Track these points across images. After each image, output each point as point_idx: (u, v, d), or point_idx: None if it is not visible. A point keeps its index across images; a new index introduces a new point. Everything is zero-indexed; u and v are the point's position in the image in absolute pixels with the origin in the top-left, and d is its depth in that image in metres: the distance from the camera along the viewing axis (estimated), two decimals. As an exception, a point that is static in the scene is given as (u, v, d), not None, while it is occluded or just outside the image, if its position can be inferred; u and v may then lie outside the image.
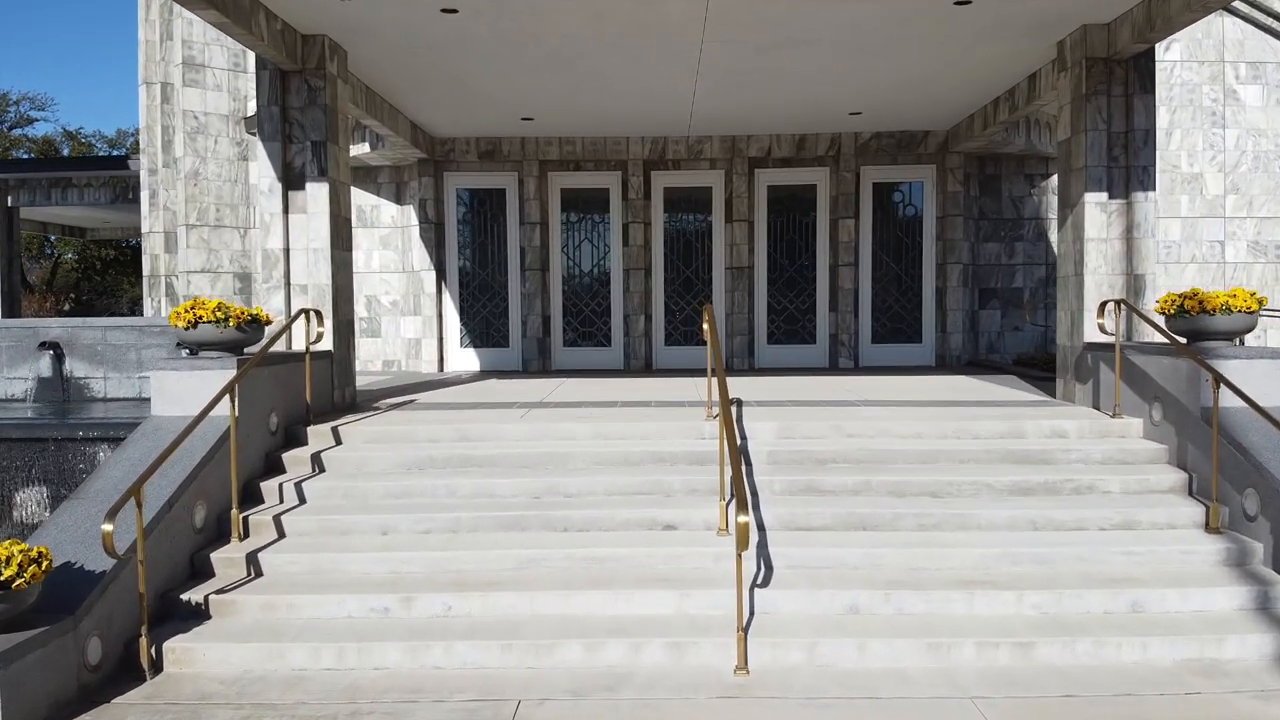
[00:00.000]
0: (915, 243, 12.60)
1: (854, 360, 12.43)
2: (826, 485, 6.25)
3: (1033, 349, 12.86)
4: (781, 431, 6.97)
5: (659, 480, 6.28)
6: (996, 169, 12.84)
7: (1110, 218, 8.10)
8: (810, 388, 9.60)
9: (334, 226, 8.14)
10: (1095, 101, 8.06)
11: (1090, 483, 6.35)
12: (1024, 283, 12.88)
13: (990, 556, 5.58)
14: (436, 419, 7.42)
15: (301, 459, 6.73)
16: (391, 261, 12.82)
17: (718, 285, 12.63)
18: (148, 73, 13.82)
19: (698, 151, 12.38)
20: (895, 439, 6.94)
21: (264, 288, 8.14)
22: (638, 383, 10.43)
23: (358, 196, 12.79)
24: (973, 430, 7.02)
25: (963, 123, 11.69)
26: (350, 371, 8.46)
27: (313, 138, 8.05)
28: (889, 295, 12.65)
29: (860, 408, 7.82)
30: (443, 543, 5.75)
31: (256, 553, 5.70)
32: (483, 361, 12.66)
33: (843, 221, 12.38)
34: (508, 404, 8.33)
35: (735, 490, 4.67)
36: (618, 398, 8.75)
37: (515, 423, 7.14)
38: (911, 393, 8.98)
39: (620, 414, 7.52)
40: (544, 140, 12.35)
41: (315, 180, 8.04)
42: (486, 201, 12.65)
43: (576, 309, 12.73)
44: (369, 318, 12.84)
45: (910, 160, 12.48)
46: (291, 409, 7.22)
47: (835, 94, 10.33)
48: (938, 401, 8.27)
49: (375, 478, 6.48)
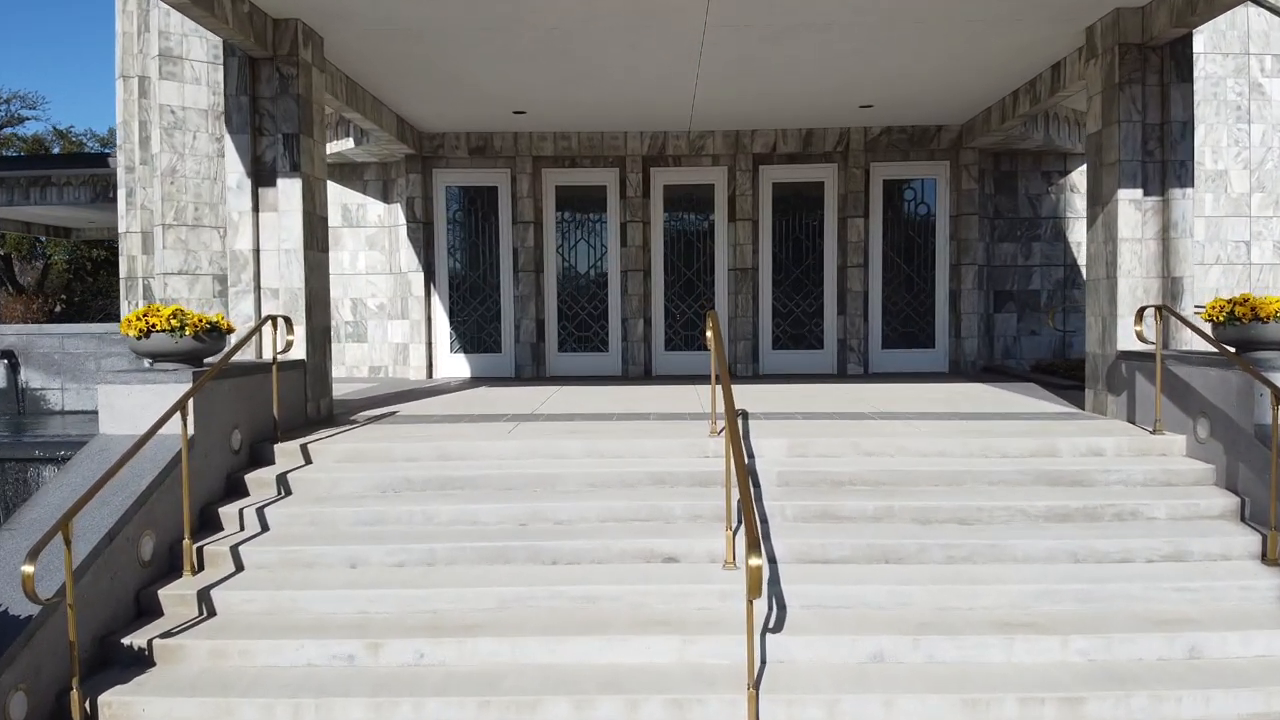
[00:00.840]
0: (928, 243, 12.01)
1: (863, 366, 11.84)
2: (844, 511, 5.66)
3: (1050, 354, 12.27)
4: (793, 449, 6.38)
5: (658, 505, 5.68)
6: (1012, 166, 12.24)
7: (1145, 216, 7.51)
8: (819, 397, 9.01)
9: (308, 225, 7.55)
10: (1129, 91, 7.47)
11: (1133, 508, 5.76)
12: (1041, 285, 12.28)
13: (1028, 594, 4.99)
14: (417, 435, 6.82)
15: (266, 481, 6.13)
16: (378, 263, 12.23)
17: (720, 287, 12.04)
18: (125, 66, 13.23)
19: (699, 147, 11.79)
20: (917, 458, 6.34)
21: (232, 292, 7.55)
22: (636, 391, 9.84)
23: (343, 195, 12.20)
24: (1001, 448, 6.43)
25: (979, 116, 11.10)
26: (326, 382, 7.87)
27: (284, 130, 7.46)
28: (900, 298, 12.05)
29: (876, 421, 7.23)
30: (417, 578, 5.16)
31: (210, 589, 5.11)
32: (474, 368, 12.06)
33: (851, 220, 11.79)
34: (496, 416, 7.74)
35: (744, 518, 4.09)
36: (614, 409, 8.15)
37: (502, 439, 6.55)
38: (929, 403, 8.39)
39: (616, 429, 6.93)
40: (538, 135, 11.76)
41: (287, 176, 7.45)
42: (478, 200, 12.05)
43: (572, 313, 12.14)
44: (354, 321, 12.25)
45: (923, 156, 11.89)
46: (258, 424, 6.63)
47: (845, 85, 9.74)
48: (959, 414, 7.67)
49: (346, 502, 5.88)
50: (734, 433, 5.02)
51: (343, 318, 12.24)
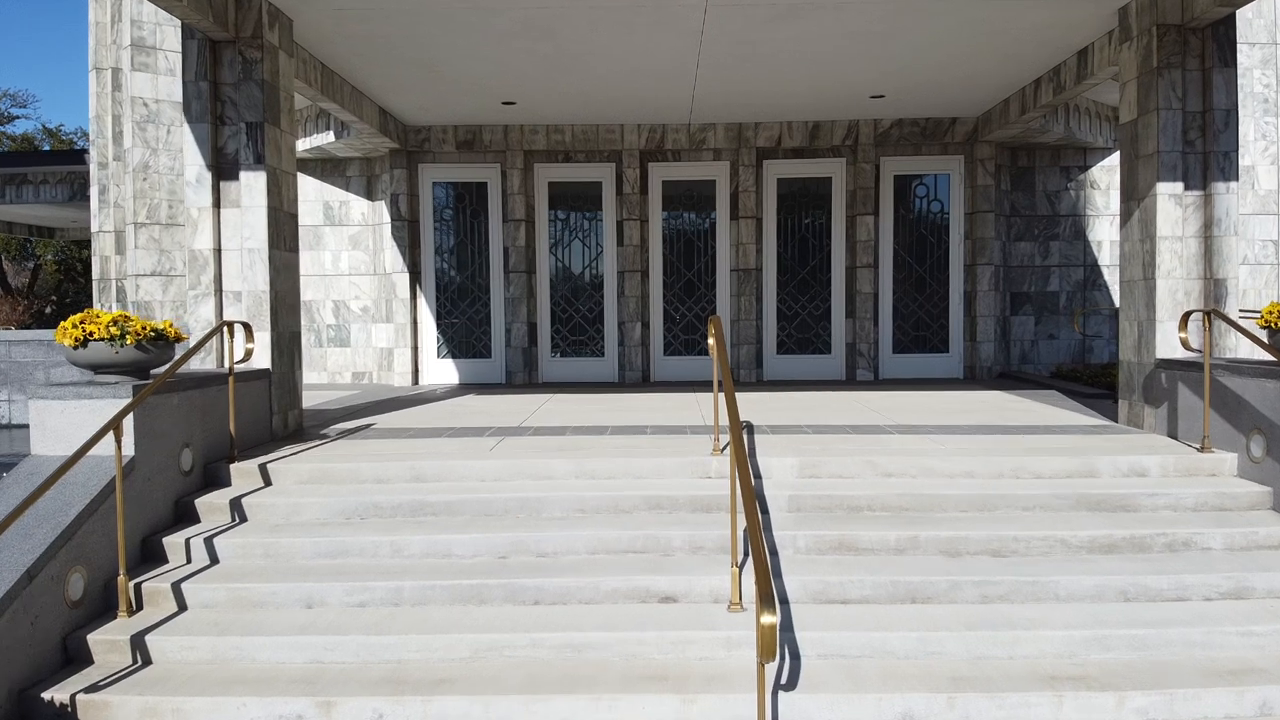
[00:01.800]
0: (941, 242, 11.39)
1: (873, 372, 11.22)
2: (863, 542, 5.04)
3: (1070, 360, 11.66)
4: (804, 469, 5.76)
5: (655, 535, 5.06)
6: (1030, 160, 11.63)
7: (1186, 212, 6.89)
8: (829, 406, 8.39)
9: (273, 222, 6.93)
10: (1168, 76, 6.86)
11: (1186, 537, 5.15)
12: (1060, 286, 11.66)
13: (1076, 640, 4.37)
14: (390, 452, 6.20)
15: (219, 506, 5.52)
16: (362, 263, 11.61)
17: (722, 289, 11.42)
18: (98, 57, 12.61)
19: (700, 141, 11.17)
20: (942, 479, 5.73)
21: (191, 295, 6.93)
22: (633, 400, 9.22)
23: (324, 192, 11.59)
24: (1034, 468, 5.81)
25: (996, 108, 10.48)
26: (295, 392, 7.25)
27: (248, 118, 6.84)
28: (912, 300, 11.43)
29: (894, 435, 6.61)
30: (381, 621, 4.54)
31: (147, 633, 4.49)
32: (462, 374, 11.45)
33: (861, 218, 11.17)
34: (479, 430, 7.12)
35: (754, 560, 3.48)
36: (608, 421, 7.54)
37: (482, 457, 5.93)
38: (948, 414, 7.77)
39: (609, 445, 6.31)
40: (529, 128, 11.14)
41: (250, 168, 6.83)
42: (466, 196, 11.43)
43: (566, 315, 11.52)
44: (337, 325, 11.63)
45: (936, 151, 11.27)
46: (213, 442, 6.01)
47: (856, 73, 9.12)
48: (982, 427, 7.05)
49: (305, 531, 5.26)
50: (740, 452, 4.40)
51: (324, 321, 11.63)
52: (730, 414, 4.86)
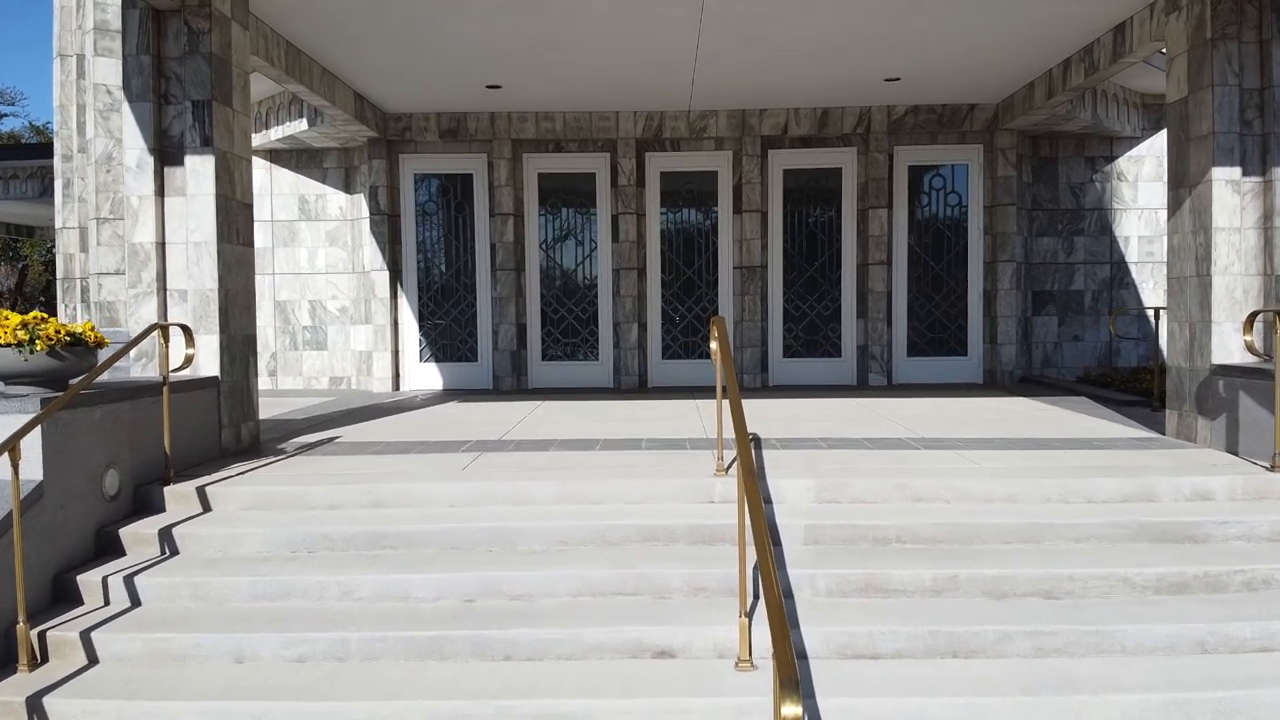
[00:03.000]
0: (959, 237, 10.65)
1: (886, 376, 10.48)
2: (894, 582, 4.30)
3: (1095, 363, 10.92)
4: (822, 492, 5.02)
5: (649, 575, 4.32)
6: (1052, 150, 10.89)
7: (1244, 200, 6.16)
8: (842, 415, 7.65)
9: (223, 212, 6.19)
10: (1223, 49, 6.13)
11: (1266, 574, 4.41)
12: (1085, 285, 10.92)
13: (1152, 707, 3.63)
14: (350, 472, 5.47)
15: (147, 536, 4.78)
16: (339, 260, 10.88)
17: (724, 288, 10.68)
18: (62, 44, 11.87)
19: (700, 129, 10.44)
20: (981, 504, 4.99)
21: (131, 294, 6.20)
22: (628, 408, 8.49)
23: (300, 184, 10.85)
24: (1085, 490, 5.07)
25: (1020, 92, 9.73)
26: (249, 402, 6.52)
27: (194, 96, 6.11)
28: (928, 299, 10.69)
29: (920, 451, 5.87)
30: (321, 681, 3.80)
31: (45, 694, 3.76)
32: (446, 378, 10.71)
33: (873, 212, 10.43)
34: (455, 444, 6.38)
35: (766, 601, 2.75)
36: (599, 434, 6.80)
37: (453, 479, 5.19)
38: (975, 425, 7.03)
39: (599, 464, 5.57)
40: (517, 116, 10.40)
41: (196, 152, 6.10)
42: (450, 189, 10.70)
43: (558, 316, 10.78)
44: (313, 326, 10.90)
45: (953, 139, 10.53)
46: (146, 461, 5.28)
47: (870, 53, 8.39)
48: (1017, 440, 6.32)
49: (244, 567, 4.52)
50: (748, 473, 3.69)
51: (300, 322, 10.89)
52: (737, 428, 4.14)
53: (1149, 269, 10.94)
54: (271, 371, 10.92)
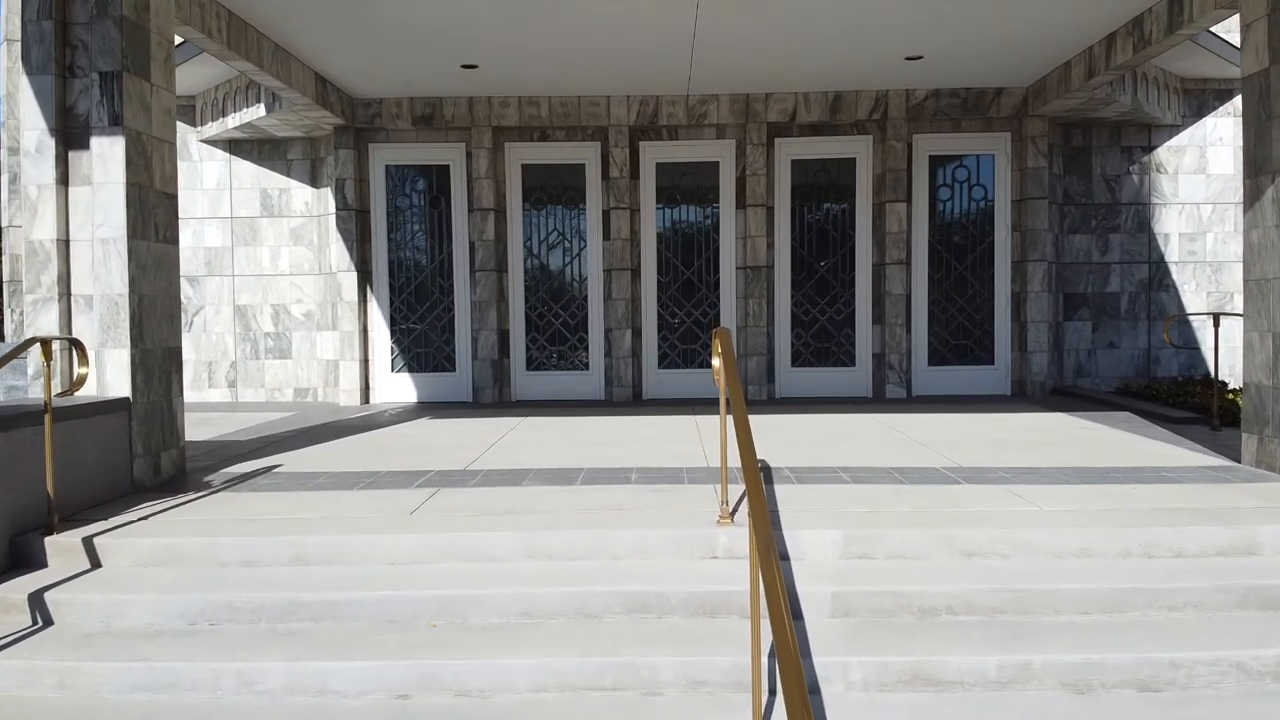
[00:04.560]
0: (984, 234, 9.70)
1: (905, 388, 9.52)
2: (948, 670, 3.35)
3: (1133, 372, 9.98)
4: (850, 545, 4.08)
5: (635, 663, 3.37)
6: (1085, 140, 9.95)
7: (1341, 188, 5.22)
8: (863, 437, 6.71)
9: (137, 204, 5.25)
10: (1315, 9, 5.19)
11: None
12: (1121, 286, 9.98)
13: None
14: (275, 515, 4.53)
15: (14, 603, 3.84)
16: (305, 260, 9.93)
17: (727, 290, 9.73)
18: (9, 28, 10.90)
19: (700, 115, 9.49)
20: (1047, 560, 4.05)
21: (29, 300, 5.25)
22: (619, 426, 7.55)
23: (261, 177, 9.91)
24: (1170, 540, 4.13)
25: (1054, 73, 8.78)
26: (172, 427, 5.57)
27: (102, 67, 5.17)
28: (951, 303, 9.73)
29: (962, 487, 4.92)
30: (196, 820, 2.85)
31: None
32: (421, 391, 9.76)
33: (890, 206, 9.48)
34: (410, 476, 5.43)
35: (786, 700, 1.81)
36: (582, 461, 5.85)
37: (397, 527, 4.25)
38: (1016, 449, 6.09)
39: (578, 504, 4.62)
40: (498, 101, 9.45)
41: (104, 132, 5.16)
42: (425, 182, 9.75)
43: (544, 322, 9.83)
44: (276, 333, 9.95)
45: (978, 126, 9.58)
46: (30, 504, 4.33)
47: (889, 27, 7.45)
48: (1072, 471, 5.37)
49: (126, 647, 3.58)
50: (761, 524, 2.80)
51: (262, 328, 9.95)
52: (746, 467, 3.23)
53: (1190, 269, 10.00)
54: (231, 383, 9.98)
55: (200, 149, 9.93)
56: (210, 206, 9.94)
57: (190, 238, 9.94)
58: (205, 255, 9.95)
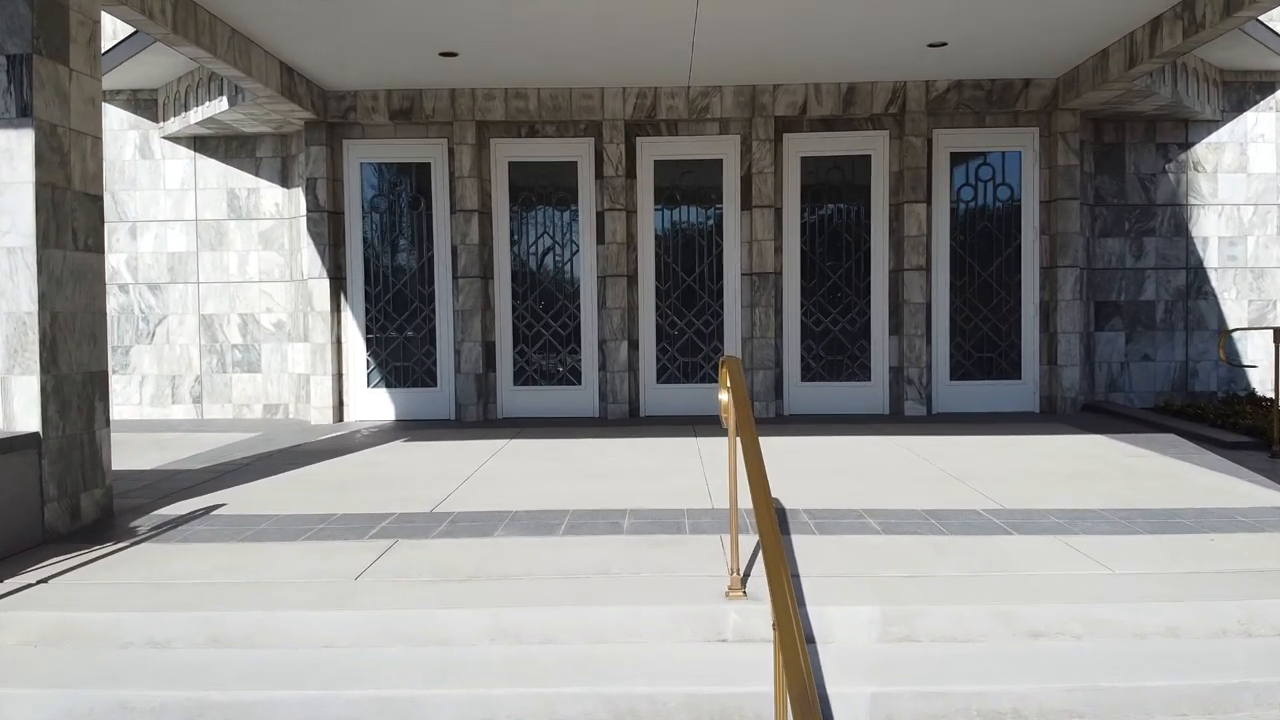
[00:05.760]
0: (1010, 238, 8.96)
1: (926, 404, 8.78)
2: (1022, 808, 2.62)
3: (1169, 387, 9.24)
4: (889, 626, 3.35)
5: (622, 793, 2.64)
6: (1118, 136, 9.21)
7: None
8: (886, 466, 5.98)
9: (49, 207, 4.52)
10: None
11: None
12: (1157, 294, 9.25)
13: None
14: (196, 579, 3.80)
15: None
16: (275, 266, 9.20)
17: (731, 299, 8.99)
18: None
19: (702, 109, 8.75)
20: (1128, 642, 3.32)
21: (-77, 318, 4.52)
22: (612, 451, 6.82)
23: (229, 177, 9.18)
24: (1275, 617, 3.40)
25: (1089, 62, 8.05)
26: (95, 463, 4.84)
27: (9, 49, 4.44)
28: (974, 312, 8.99)
29: (1013, 539, 4.18)
30: None
31: None
32: (399, 407, 9.02)
33: (909, 207, 8.74)
34: (367, 522, 4.70)
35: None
36: (568, 500, 5.12)
37: (335, 603, 3.51)
38: (1061, 481, 5.35)
39: (557, 566, 3.89)
40: (482, 93, 8.71)
41: (11, 125, 4.44)
42: (404, 181, 9.02)
43: (532, 333, 9.09)
44: (245, 345, 9.22)
45: (1004, 121, 8.85)
46: (-110, 570, 3.60)
47: (907, 12, 6.72)
48: (1133, 513, 4.64)
49: (-22, 767, 2.85)
50: (781, 601, 2.13)
51: (229, 339, 9.22)
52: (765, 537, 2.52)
53: (1231, 276, 9.27)
54: (196, 398, 9.25)
55: (163, 146, 9.20)
56: (174, 208, 9.21)
57: (152, 242, 9.21)
58: (168, 261, 9.22)
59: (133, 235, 9.24)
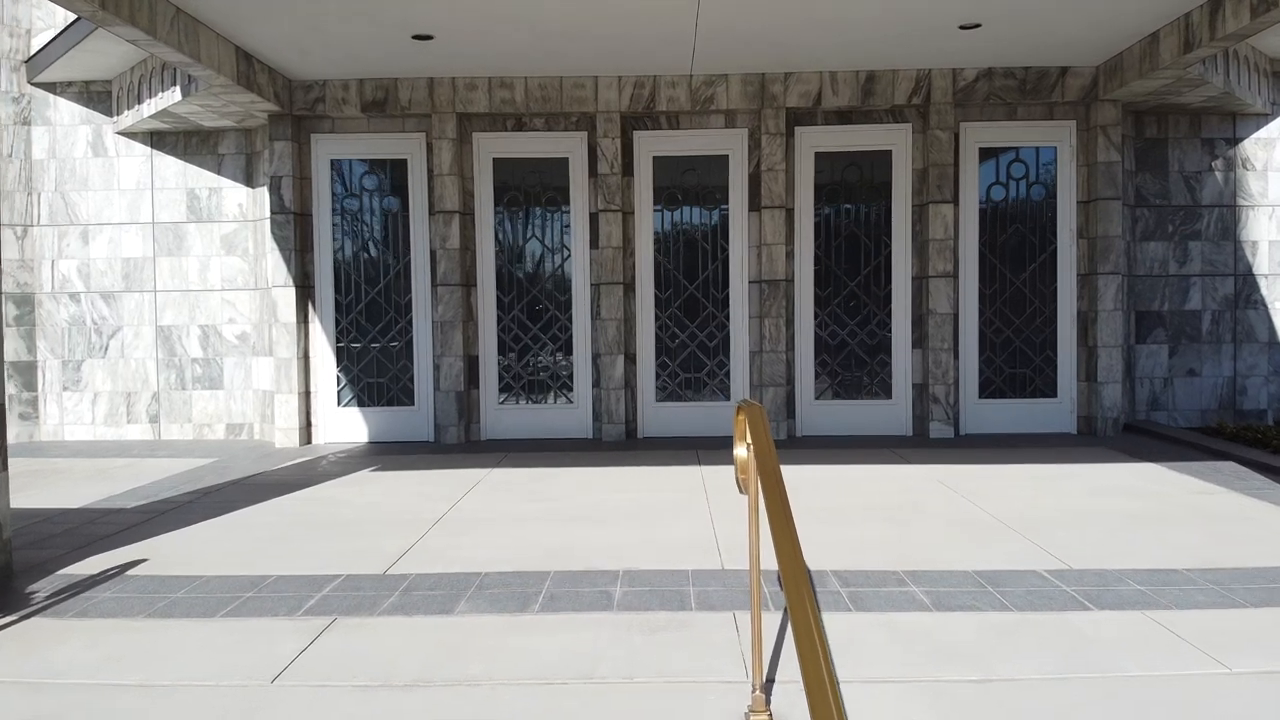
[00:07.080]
0: (1045, 242, 8.17)
1: (953, 425, 7.98)
2: None
3: (1216, 404, 8.45)
4: (953, 756, 2.55)
5: None
6: (1160, 130, 8.43)
7: None
8: (919, 505, 5.19)
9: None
10: None
11: None
12: (1203, 303, 8.45)
13: None
14: (74, 679, 3.01)
15: None
16: (239, 273, 8.42)
17: (738, 309, 8.20)
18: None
19: (706, 99, 7.95)
20: (1278, 788, 2.52)
21: None
22: (606, 484, 6.03)
23: (188, 175, 8.40)
24: None
25: (1135, 47, 7.26)
26: (-18, 516, 4.05)
27: None
28: (1006, 323, 8.19)
29: (1092, 615, 3.40)
30: None
31: None
32: (373, 428, 8.23)
33: (934, 208, 7.95)
34: (311, 586, 3.91)
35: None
36: (550, 558, 4.33)
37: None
38: (1126, 529, 4.57)
39: (528, 657, 3.10)
40: (464, 82, 7.92)
41: None
42: (377, 179, 8.22)
43: (520, 345, 8.29)
44: (205, 359, 8.44)
45: (1038, 114, 8.06)
46: None
47: (947, -17, 5.94)
48: (1221, 574, 3.86)
49: None
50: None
51: (189, 353, 8.44)
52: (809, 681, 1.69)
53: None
54: (153, 417, 8.46)
55: (117, 143, 8.43)
56: (129, 210, 8.43)
57: (105, 246, 8.43)
58: (123, 267, 8.44)
59: (85, 240, 8.46)
